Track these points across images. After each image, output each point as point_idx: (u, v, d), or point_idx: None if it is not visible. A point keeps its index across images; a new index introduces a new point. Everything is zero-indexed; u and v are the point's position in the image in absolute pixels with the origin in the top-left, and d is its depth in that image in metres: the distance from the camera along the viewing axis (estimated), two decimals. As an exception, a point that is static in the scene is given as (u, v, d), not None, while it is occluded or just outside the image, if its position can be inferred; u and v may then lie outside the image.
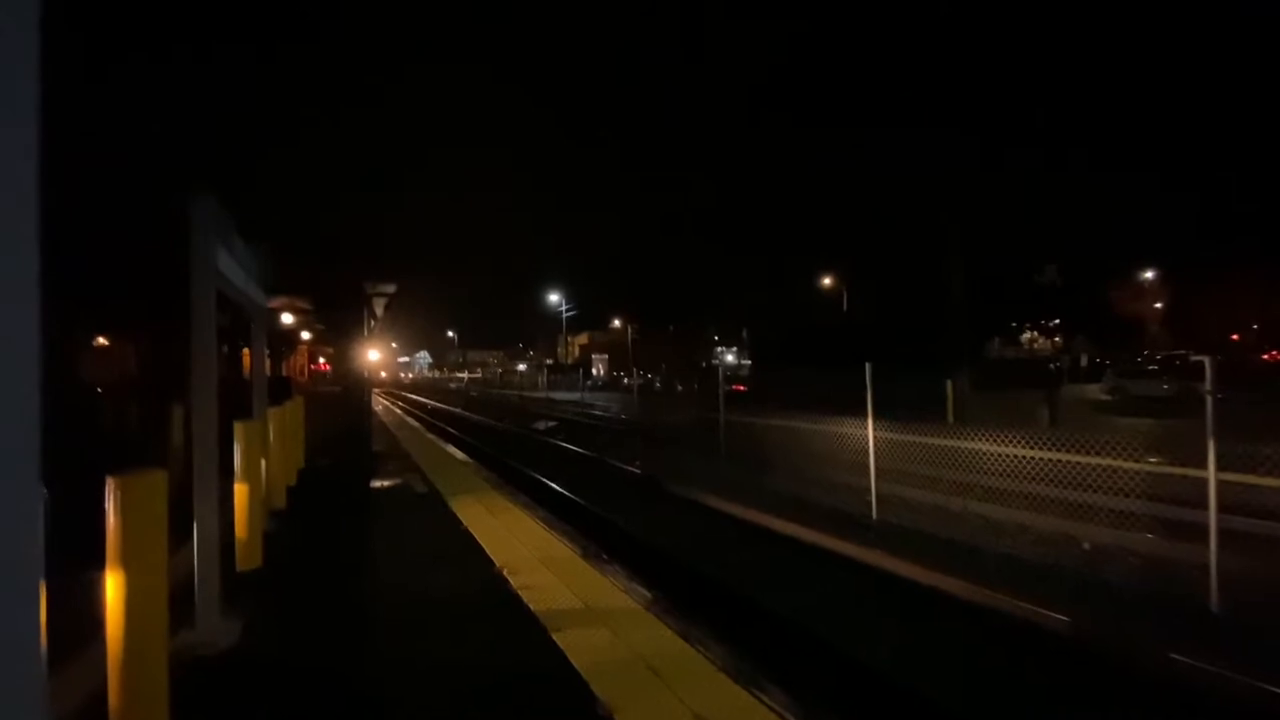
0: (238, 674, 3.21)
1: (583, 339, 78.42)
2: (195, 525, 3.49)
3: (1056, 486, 6.34)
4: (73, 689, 2.74)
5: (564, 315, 65.41)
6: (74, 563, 2.90)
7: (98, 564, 2.41)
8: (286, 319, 14.95)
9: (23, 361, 0.63)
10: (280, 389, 11.70)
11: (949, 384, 11.10)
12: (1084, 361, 31.18)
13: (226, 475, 4.30)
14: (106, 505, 2.31)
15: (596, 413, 19.59)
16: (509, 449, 15.99)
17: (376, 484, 8.36)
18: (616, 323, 72.82)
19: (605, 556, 5.18)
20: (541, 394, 24.14)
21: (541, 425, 20.23)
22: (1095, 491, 5.97)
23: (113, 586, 2.28)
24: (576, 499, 9.82)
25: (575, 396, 21.90)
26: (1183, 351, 20.75)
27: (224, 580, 3.71)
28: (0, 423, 0.60)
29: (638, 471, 11.40)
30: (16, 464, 0.61)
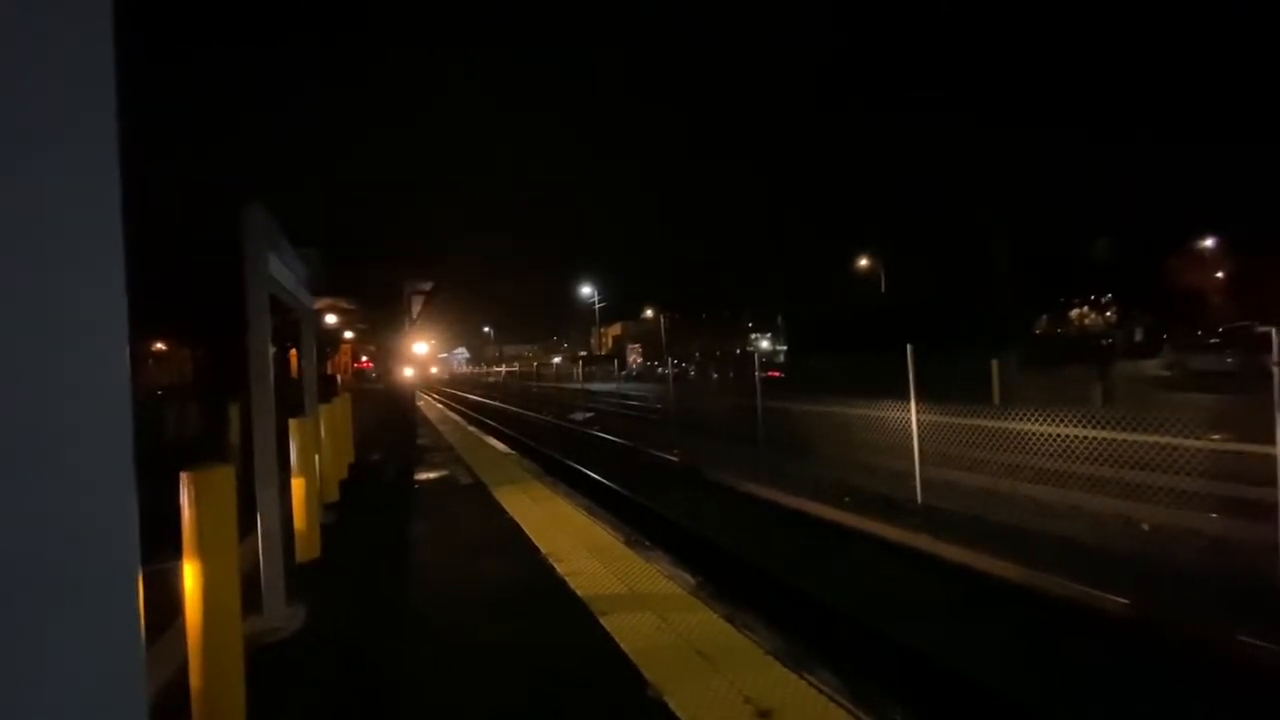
0: (304, 656, 3.38)
1: (616, 329, 78.68)
2: (259, 517, 3.66)
3: (1112, 466, 6.13)
4: (155, 670, 2.93)
5: (596, 307, 65.70)
6: (147, 554, 3.09)
7: (162, 556, 2.56)
8: (330, 319, 15.43)
9: (117, 364, 0.67)
10: (326, 387, 12.10)
11: (994, 364, 10.78)
12: (1139, 336, 29.84)
13: (283, 471, 4.49)
14: (181, 499, 2.45)
15: (633, 402, 19.67)
16: (549, 440, 16.22)
17: (423, 476, 8.60)
18: (649, 312, 72.82)
19: (648, 543, 5.24)
20: (577, 385, 24.31)
21: (579, 416, 20.42)
22: (1154, 471, 5.75)
23: (190, 574, 2.43)
24: (617, 488, 9.92)
25: (611, 387, 22.00)
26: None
27: (286, 570, 3.89)
28: (99, 423, 0.65)
29: (676, 460, 11.44)
30: (114, 461, 0.65)
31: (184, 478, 2.41)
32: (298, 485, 4.91)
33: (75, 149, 0.65)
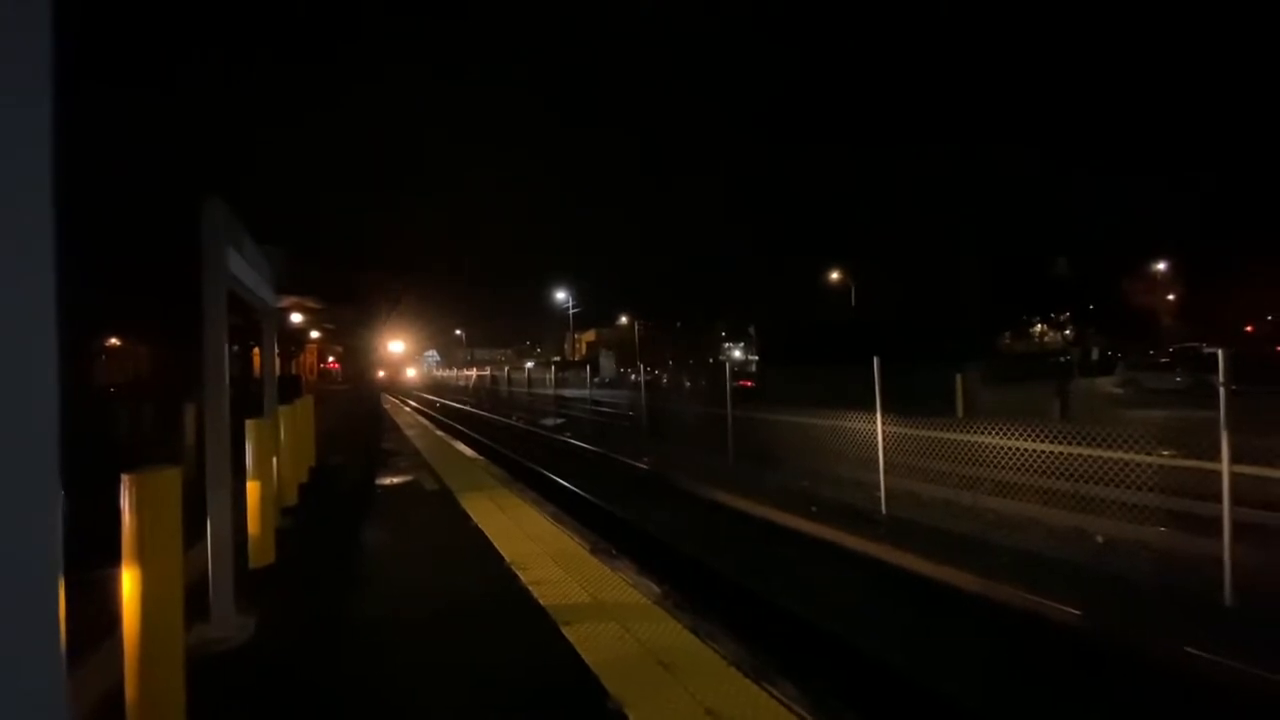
0: (252, 668, 3.25)
1: (590, 336, 78.47)
2: (209, 522, 3.53)
3: (1068, 480, 6.30)
4: (91, 683, 2.78)
5: (570, 312, 65.49)
6: (93, 560, 2.94)
7: (115, 561, 2.45)
8: (296, 318, 15.06)
9: (40, 363, 0.64)
10: (290, 387, 11.80)
11: (959, 378, 11.03)
12: (1095, 355, 30.89)
13: (239, 473, 4.34)
14: (122, 503, 2.34)
15: (604, 409, 19.59)
16: (518, 446, 16.05)
17: (388, 481, 8.42)
18: (623, 319, 72.88)
19: (614, 552, 5.19)
20: (550, 391, 24.16)
21: (550, 422, 20.27)
22: (1108, 485, 5.92)
23: (129, 582, 2.31)
24: (585, 495, 9.85)
25: (583, 393, 21.90)
26: (1196, 343, 20.49)
27: (238, 576, 3.75)
28: (18, 424, 0.61)
29: (646, 467, 11.41)
30: (34, 464, 0.62)
31: (125, 481, 2.30)
32: (253, 489, 4.75)
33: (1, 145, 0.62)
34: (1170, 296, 39.77)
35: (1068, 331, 42.90)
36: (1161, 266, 40.34)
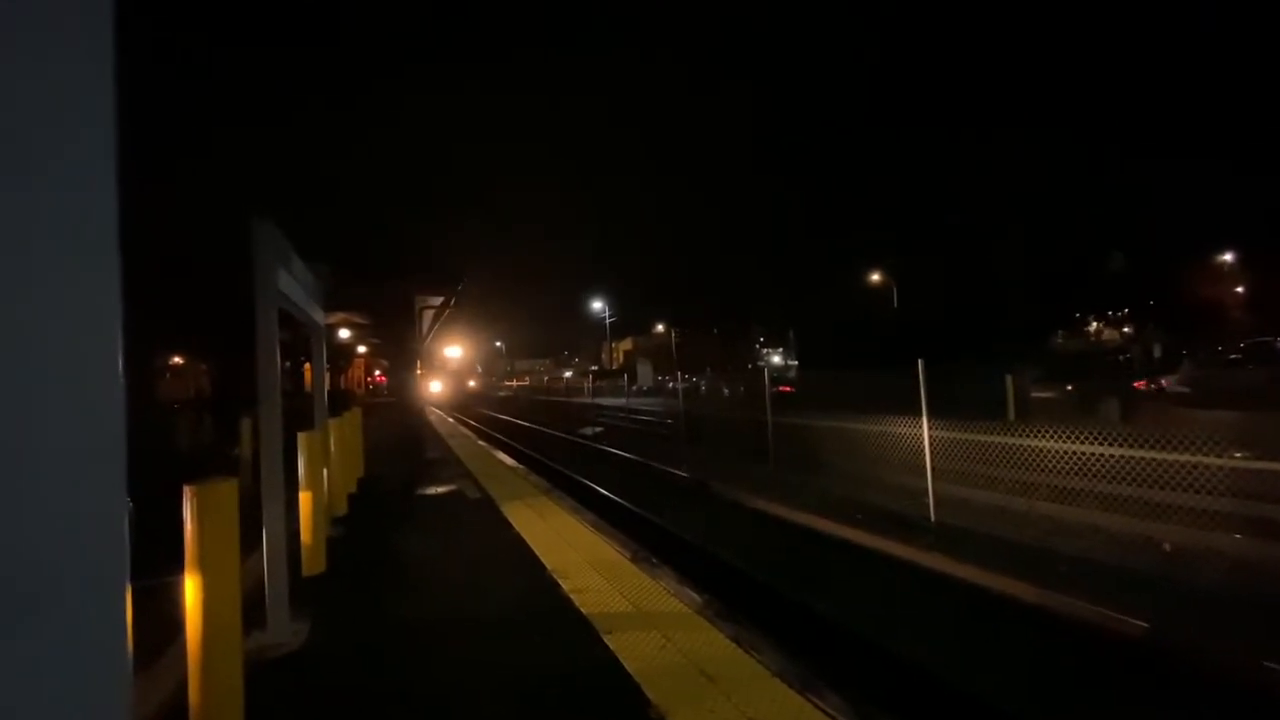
0: (306, 673, 3.35)
1: (627, 344, 78.74)
2: (264, 531, 3.67)
3: (1131, 485, 5.99)
4: (159, 685, 2.92)
5: (607, 322, 65.87)
6: (160, 567, 3.09)
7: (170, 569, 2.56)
8: (344, 334, 15.58)
9: (107, 376, 0.67)
10: (339, 401, 12.18)
11: (1009, 380, 10.61)
12: (1157, 352, 29.32)
13: (291, 484, 4.50)
14: (184, 513, 2.45)
15: (642, 417, 19.59)
16: (558, 455, 16.19)
17: (432, 490, 8.60)
18: (660, 327, 72.91)
19: (655, 560, 5.17)
20: (588, 400, 24.32)
21: (589, 431, 20.39)
22: (1175, 490, 5.61)
23: (191, 589, 2.42)
24: (625, 504, 9.86)
25: (621, 402, 21.96)
26: (1269, 338, 19.25)
27: (292, 584, 3.88)
28: (87, 435, 0.64)
29: (685, 475, 11.35)
30: (103, 474, 0.65)
31: (186, 492, 2.42)
32: (305, 499, 4.91)
33: (70, 161, 0.65)
34: (1238, 289, 37.49)
35: (1126, 328, 40.92)
36: (1228, 257, 38.11)
